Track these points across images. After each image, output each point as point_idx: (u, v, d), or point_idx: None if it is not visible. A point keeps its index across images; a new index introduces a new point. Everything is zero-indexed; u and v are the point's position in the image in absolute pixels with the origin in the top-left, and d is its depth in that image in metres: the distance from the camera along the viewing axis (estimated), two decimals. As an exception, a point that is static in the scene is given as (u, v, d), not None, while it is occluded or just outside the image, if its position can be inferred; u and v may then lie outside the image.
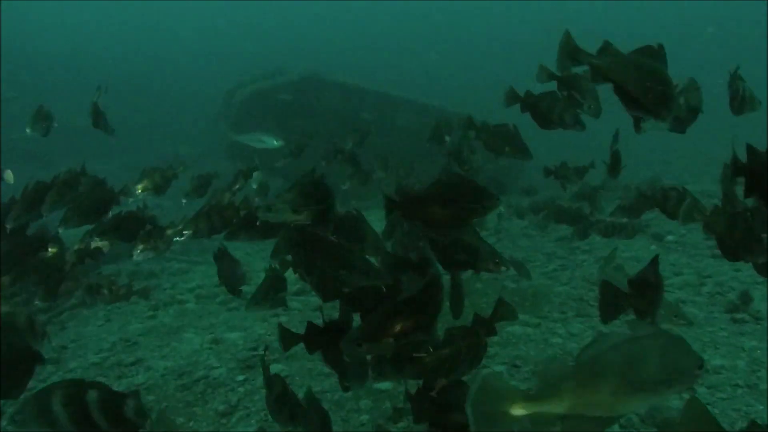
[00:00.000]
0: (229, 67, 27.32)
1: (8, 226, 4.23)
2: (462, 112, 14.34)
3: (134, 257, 4.56)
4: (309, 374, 5.05)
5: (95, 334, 6.42)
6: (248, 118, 12.72)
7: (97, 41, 29.04)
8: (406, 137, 13.67)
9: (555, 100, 3.62)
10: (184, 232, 4.52)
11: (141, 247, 4.51)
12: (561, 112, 3.65)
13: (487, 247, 3.25)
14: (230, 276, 4.54)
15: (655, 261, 2.83)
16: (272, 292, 4.20)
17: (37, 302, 4.68)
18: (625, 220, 6.69)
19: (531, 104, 3.71)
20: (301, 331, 2.96)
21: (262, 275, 4.24)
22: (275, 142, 11.04)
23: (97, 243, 4.85)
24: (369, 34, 43.86)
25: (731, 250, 3.13)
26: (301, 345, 2.98)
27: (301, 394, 3.12)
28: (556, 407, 1.86)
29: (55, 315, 7.01)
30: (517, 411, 1.86)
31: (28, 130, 5.61)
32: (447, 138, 7.09)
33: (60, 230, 4.47)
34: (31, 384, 5.26)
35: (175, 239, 4.60)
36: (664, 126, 3.55)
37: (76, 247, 4.90)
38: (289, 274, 4.07)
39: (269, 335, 5.99)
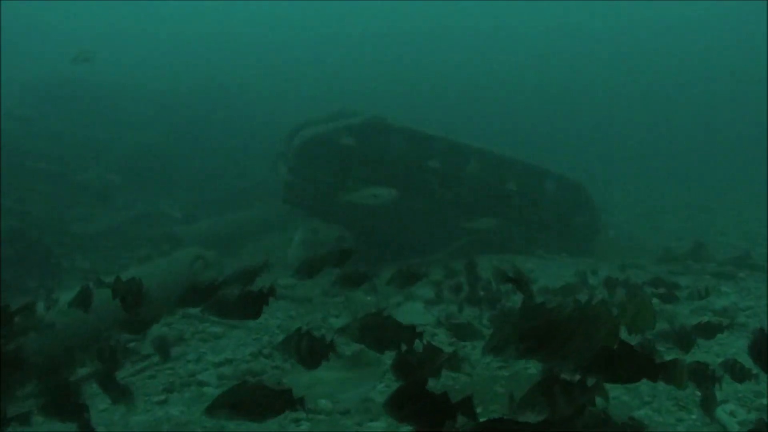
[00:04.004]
0: (296, 98, 27.28)
1: None
2: (530, 160, 13.35)
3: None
4: None
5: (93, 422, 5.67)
6: (308, 162, 12.06)
7: (161, 75, 29.56)
8: (475, 187, 12.72)
9: None
10: None
11: None
12: None
13: None
14: None
15: None
16: None
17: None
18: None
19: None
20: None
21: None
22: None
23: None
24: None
25: None
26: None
27: None
28: None
29: (62, 390, 6.34)
30: None
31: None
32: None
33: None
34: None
35: None
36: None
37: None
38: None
39: (284, 449, 5.06)
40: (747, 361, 4.26)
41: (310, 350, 3.82)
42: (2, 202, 12.06)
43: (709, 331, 5.29)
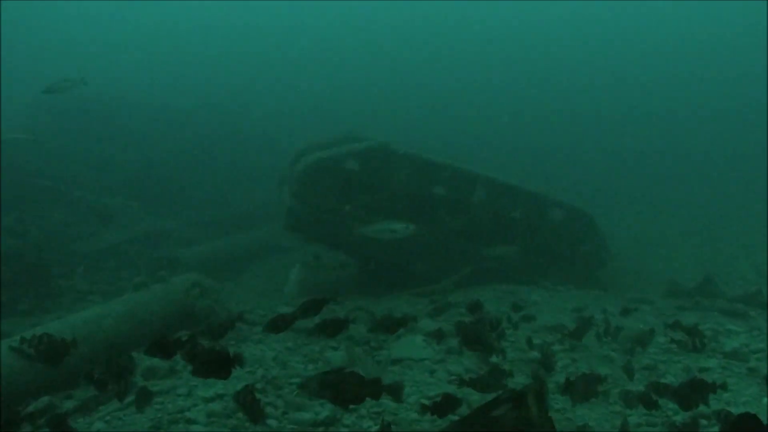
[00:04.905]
0: (303, 114, 27.16)
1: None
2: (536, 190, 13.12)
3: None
4: None
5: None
6: (311, 187, 11.90)
7: (167, 92, 29.55)
8: (483, 216, 12.50)
9: None
10: None
11: None
12: None
13: None
14: None
15: None
16: None
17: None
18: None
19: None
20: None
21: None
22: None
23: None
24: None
25: None
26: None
27: None
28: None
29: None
30: None
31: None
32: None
33: None
34: None
35: None
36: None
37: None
38: None
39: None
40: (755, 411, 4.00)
41: (249, 410, 3.70)
42: (2, 221, 11.94)
43: (702, 390, 5.01)
